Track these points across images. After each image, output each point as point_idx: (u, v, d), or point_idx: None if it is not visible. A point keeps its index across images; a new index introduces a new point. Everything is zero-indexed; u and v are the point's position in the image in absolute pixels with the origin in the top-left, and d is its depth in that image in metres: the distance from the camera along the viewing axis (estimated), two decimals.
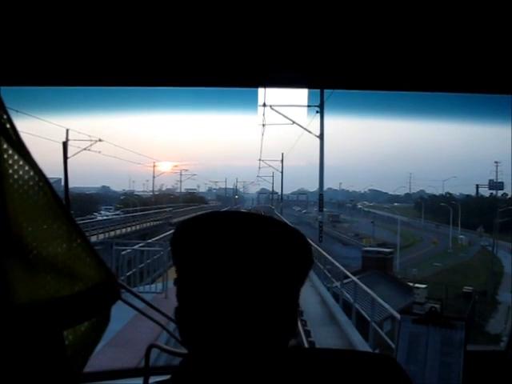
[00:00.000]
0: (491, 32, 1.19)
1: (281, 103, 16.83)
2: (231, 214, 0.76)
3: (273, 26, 1.18)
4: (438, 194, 59.41)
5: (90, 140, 26.77)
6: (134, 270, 10.47)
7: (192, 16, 1.13)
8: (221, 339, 0.71)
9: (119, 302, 0.87)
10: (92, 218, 26.43)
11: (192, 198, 58.36)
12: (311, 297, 11.45)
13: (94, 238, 17.52)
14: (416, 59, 1.38)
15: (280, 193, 34.19)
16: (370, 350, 7.65)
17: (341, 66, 1.44)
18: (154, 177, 48.33)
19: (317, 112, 15.87)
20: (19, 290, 0.72)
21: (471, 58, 1.36)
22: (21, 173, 0.74)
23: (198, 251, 0.71)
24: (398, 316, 5.95)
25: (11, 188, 0.73)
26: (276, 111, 16.67)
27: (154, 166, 46.85)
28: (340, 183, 80.00)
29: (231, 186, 68.66)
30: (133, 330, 6.94)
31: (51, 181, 0.78)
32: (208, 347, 0.72)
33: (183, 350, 1.02)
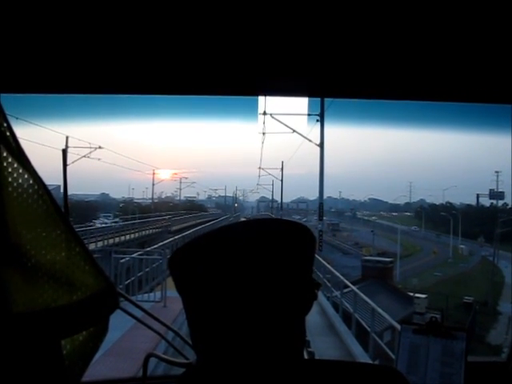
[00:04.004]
0: (491, 42, 1.19)
1: (281, 112, 16.87)
2: (224, 229, 0.77)
3: (273, 35, 1.18)
4: (438, 204, 59.38)
5: (90, 147, 26.77)
6: (132, 278, 10.41)
7: (192, 25, 1.14)
8: (235, 348, 0.72)
9: (118, 311, 0.86)
10: (91, 226, 26.38)
11: (191, 205, 58.33)
12: None
13: (92, 246, 17.46)
14: (416, 69, 1.38)
15: (280, 201, 34.16)
16: (369, 360, 7.60)
17: (341, 74, 1.45)
18: (153, 184, 48.22)
19: (317, 121, 15.90)
20: (17, 299, 0.72)
21: (471, 68, 1.36)
22: (20, 181, 0.74)
23: (207, 264, 0.73)
24: (398, 326, 5.92)
25: (10, 196, 0.73)
26: (276, 120, 16.71)
27: (154, 174, 46.80)
28: (340, 192, 79.93)
29: (231, 194, 68.69)
30: (131, 339, 6.89)
31: (50, 188, 0.78)
32: (220, 356, 0.73)
33: (181, 360, 1.02)
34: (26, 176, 0.74)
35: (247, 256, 0.71)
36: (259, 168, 32.08)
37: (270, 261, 0.72)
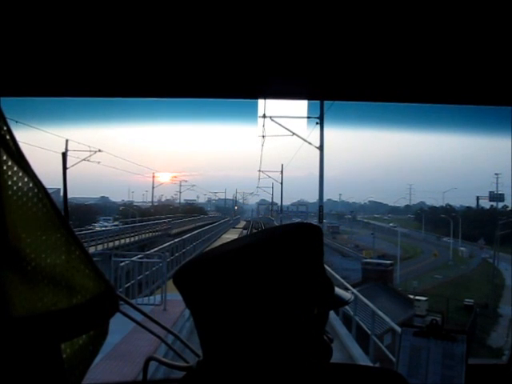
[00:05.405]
0: (491, 44, 1.19)
1: (281, 114, 16.87)
2: (227, 245, 0.77)
3: (273, 38, 1.18)
4: (438, 206, 59.50)
5: (90, 150, 26.80)
6: (132, 281, 10.40)
7: (192, 28, 1.14)
8: (239, 351, 0.72)
9: (118, 314, 0.86)
10: (91, 229, 26.38)
11: (191, 208, 58.42)
12: None
13: (92, 249, 17.44)
14: (416, 71, 1.38)
15: (280, 204, 34.14)
16: (370, 363, 7.57)
17: (341, 77, 1.45)
18: (153, 187, 48.37)
19: (316, 123, 15.89)
20: (17, 303, 0.72)
21: (471, 70, 1.37)
22: (20, 184, 0.74)
23: (213, 281, 0.73)
24: (398, 329, 5.91)
25: (10, 199, 0.73)
26: (276, 122, 16.70)
27: (154, 177, 46.94)
28: (340, 194, 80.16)
29: (230, 197, 68.76)
30: (131, 342, 6.88)
31: (50, 191, 0.78)
32: (230, 365, 0.73)
33: (182, 363, 1.01)
34: (25, 179, 0.75)
35: (252, 268, 0.71)
36: (259, 171, 32.15)
37: (276, 270, 0.72)
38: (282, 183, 30.25)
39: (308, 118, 16.24)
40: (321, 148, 15.82)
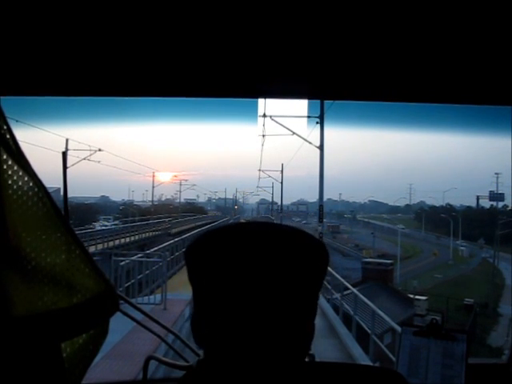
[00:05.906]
0: (491, 43, 1.19)
1: (281, 114, 16.85)
2: (243, 225, 0.76)
3: (273, 37, 1.18)
4: (438, 205, 59.56)
5: (90, 150, 26.76)
6: (132, 280, 10.41)
7: (192, 27, 1.14)
8: (238, 347, 0.71)
9: (118, 314, 0.86)
10: (91, 228, 26.41)
11: (191, 208, 58.47)
12: None
13: (92, 249, 17.45)
14: (416, 71, 1.38)
15: (280, 203, 34.11)
16: (370, 362, 7.58)
17: (341, 76, 1.45)
18: (153, 187, 48.19)
19: (317, 123, 15.89)
20: (17, 302, 0.72)
21: (471, 70, 1.37)
22: (20, 183, 0.74)
23: (220, 257, 0.72)
24: (398, 328, 5.91)
25: (10, 198, 0.73)
26: (276, 122, 16.69)
27: (154, 176, 46.85)
28: (340, 194, 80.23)
29: (231, 196, 68.73)
30: (131, 341, 6.88)
31: (50, 190, 0.78)
32: (222, 354, 0.73)
33: (182, 362, 1.02)
34: (25, 178, 0.75)
35: (261, 256, 0.71)
36: (259, 170, 32.05)
37: (282, 265, 0.71)
38: (282, 183, 30.22)
39: (308, 117, 16.24)
40: (321, 147, 15.82)
